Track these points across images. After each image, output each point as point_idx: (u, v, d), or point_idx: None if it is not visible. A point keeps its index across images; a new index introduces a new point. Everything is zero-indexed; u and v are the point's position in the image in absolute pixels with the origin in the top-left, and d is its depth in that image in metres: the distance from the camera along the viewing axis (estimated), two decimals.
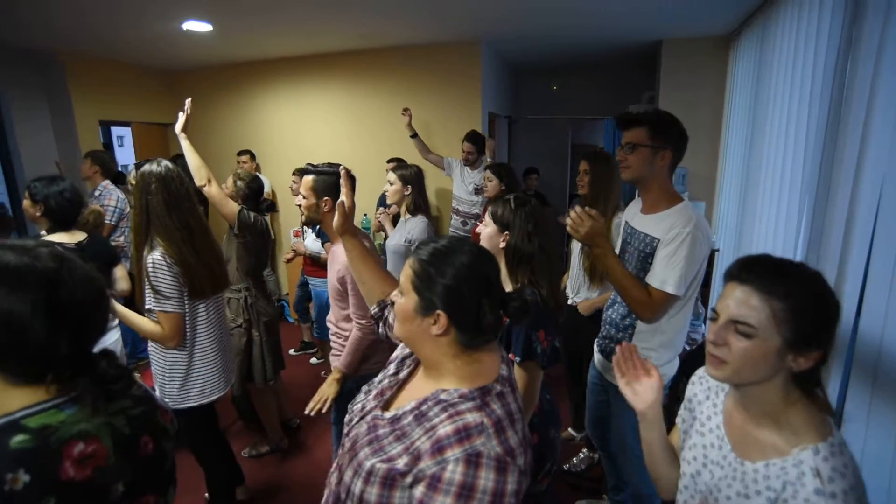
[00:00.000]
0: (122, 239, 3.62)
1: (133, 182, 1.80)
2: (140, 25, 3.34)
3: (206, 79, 4.98)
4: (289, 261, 3.54)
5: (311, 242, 3.26)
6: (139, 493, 0.81)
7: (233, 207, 2.38)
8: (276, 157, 4.89)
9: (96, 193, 3.67)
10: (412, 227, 2.68)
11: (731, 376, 0.86)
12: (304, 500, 2.45)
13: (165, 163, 1.83)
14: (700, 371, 1.08)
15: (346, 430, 1.01)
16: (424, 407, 0.87)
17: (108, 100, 4.51)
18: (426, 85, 4.29)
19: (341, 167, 1.52)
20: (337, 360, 1.93)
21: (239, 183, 2.63)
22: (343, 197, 1.31)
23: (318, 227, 2.96)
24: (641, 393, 1.06)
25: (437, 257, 0.90)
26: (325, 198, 1.81)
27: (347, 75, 4.50)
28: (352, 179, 1.79)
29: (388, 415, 0.92)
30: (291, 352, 3.96)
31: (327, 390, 1.81)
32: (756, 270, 0.84)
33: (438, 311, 0.87)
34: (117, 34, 3.58)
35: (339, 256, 1.81)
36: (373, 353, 1.90)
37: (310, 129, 4.76)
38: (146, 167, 1.78)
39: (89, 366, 0.79)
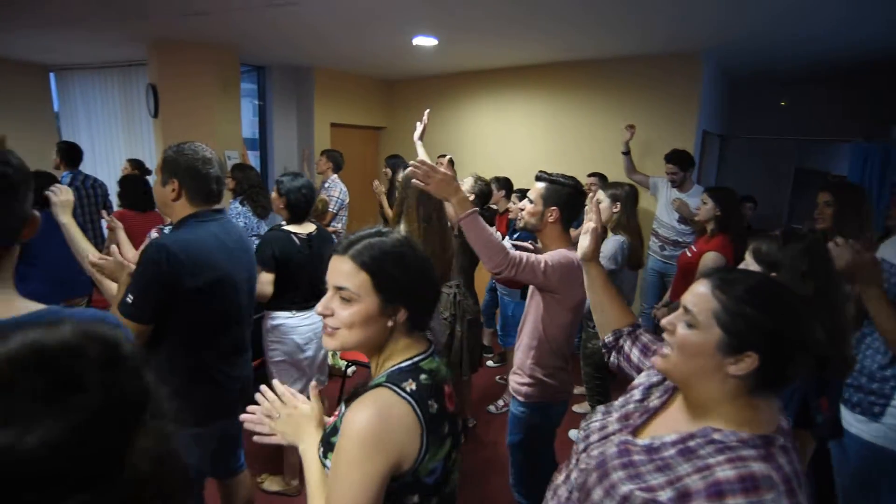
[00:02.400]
0: (339, 226, 4.16)
1: (400, 179, 2.12)
2: (377, 40, 3.77)
3: (418, 88, 5.46)
4: None
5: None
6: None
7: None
8: (472, 164, 5.13)
9: (325, 185, 4.27)
10: (606, 244, 2.63)
11: None
12: (470, 496, 2.54)
13: None
14: None
15: (580, 446, 1.01)
16: (692, 443, 0.82)
17: (339, 105, 5.23)
18: (634, 99, 4.09)
19: (591, 195, 1.52)
20: (516, 388, 1.85)
21: (479, 182, 2.87)
22: (594, 223, 1.31)
23: (516, 233, 3.02)
24: None
25: (756, 294, 0.81)
26: (553, 208, 1.77)
27: (551, 87, 4.52)
28: (582, 194, 1.81)
29: (641, 441, 0.89)
30: None
31: None
32: None
33: (750, 353, 0.79)
34: (356, 48, 4.09)
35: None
36: (559, 382, 1.84)
37: (508, 139, 4.89)
38: (407, 170, 2.05)
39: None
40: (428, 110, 2.60)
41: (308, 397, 1.08)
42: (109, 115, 5.48)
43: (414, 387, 0.89)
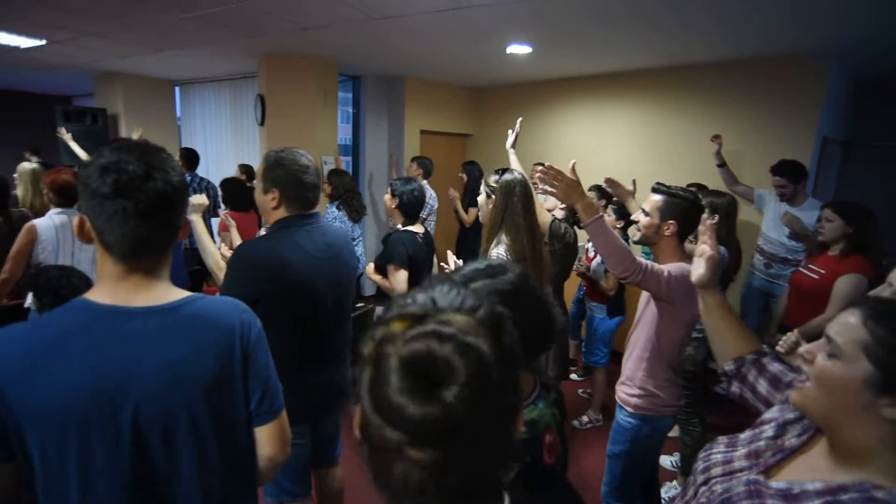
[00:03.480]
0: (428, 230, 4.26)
1: (494, 184, 2.08)
2: (470, 49, 3.80)
3: (508, 96, 5.44)
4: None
5: (598, 264, 3.18)
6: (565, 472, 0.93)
7: (546, 217, 2.52)
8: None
9: None
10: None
11: None
12: None
13: (517, 174, 2.07)
14: None
15: (699, 478, 0.94)
16: (844, 497, 0.72)
17: (429, 113, 5.35)
18: (741, 106, 3.78)
19: (707, 213, 1.44)
20: (625, 398, 1.84)
21: None
22: (711, 250, 1.24)
23: None
24: None
25: None
26: (671, 221, 1.73)
27: (649, 93, 4.31)
28: (700, 209, 1.76)
29: (774, 484, 0.81)
30: None
31: None
32: None
33: None
34: (449, 58, 4.15)
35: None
36: (668, 395, 1.79)
37: (602, 148, 4.71)
38: (508, 176, 2.04)
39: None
40: (520, 119, 2.58)
41: None
42: (221, 123, 6.04)
43: None
